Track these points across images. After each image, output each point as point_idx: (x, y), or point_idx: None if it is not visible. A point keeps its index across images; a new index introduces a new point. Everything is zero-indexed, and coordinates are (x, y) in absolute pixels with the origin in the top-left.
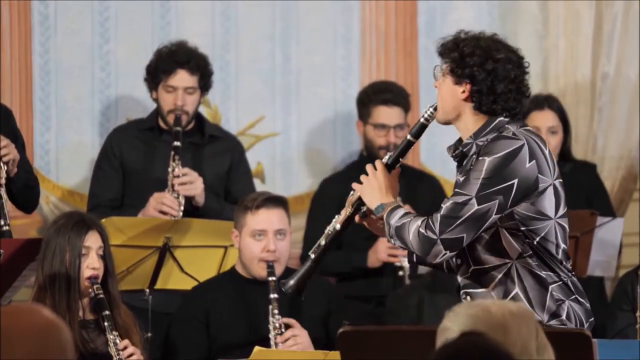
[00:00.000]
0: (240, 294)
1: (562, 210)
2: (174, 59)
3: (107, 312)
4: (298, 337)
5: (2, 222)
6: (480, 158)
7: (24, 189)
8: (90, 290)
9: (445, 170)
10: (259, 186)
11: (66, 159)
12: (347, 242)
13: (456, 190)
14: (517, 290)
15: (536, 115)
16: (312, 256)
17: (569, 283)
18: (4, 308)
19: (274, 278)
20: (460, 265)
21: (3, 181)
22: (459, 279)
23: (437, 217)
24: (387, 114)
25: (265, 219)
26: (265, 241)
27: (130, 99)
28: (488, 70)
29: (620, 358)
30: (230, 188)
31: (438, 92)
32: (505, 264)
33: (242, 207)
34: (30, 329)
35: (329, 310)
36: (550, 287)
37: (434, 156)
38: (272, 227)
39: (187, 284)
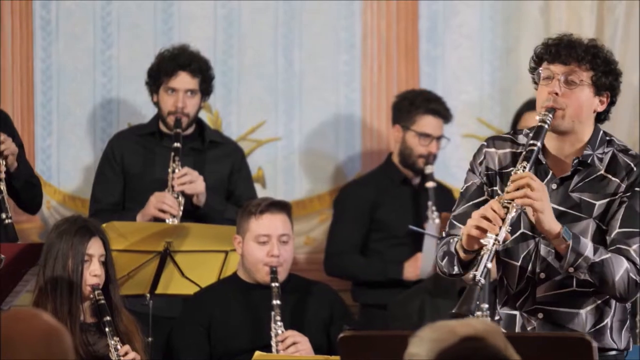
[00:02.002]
0: (242, 300)
1: None
2: (175, 61)
3: (108, 318)
4: (300, 344)
5: (4, 215)
6: (639, 189)
7: (27, 186)
8: (91, 295)
9: (456, 182)
10: (260, 191)
11: (67, 164)
12: (372, 249)
13: (629, 231)
14: (608, 320)
15: (529, 115)
16: (482, 280)
17: (629, 311)
18: (6, 313)
19: (277, 284)
20: (545, 280)
21: (3, 175)
22: (538, 294)
23: (638, 261)
24: (433, 125)
25: (269, 223)
26: (269, 246)
27: (131, 104)
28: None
29: None
30: (232, 192)
31: (569, 98)
32: None
33: (246, 212)
34: (32, 334)
35: (331, 316)
36: (628, 317)
37: (447, 168)
38: (276, 232)
39: (188, 289)
